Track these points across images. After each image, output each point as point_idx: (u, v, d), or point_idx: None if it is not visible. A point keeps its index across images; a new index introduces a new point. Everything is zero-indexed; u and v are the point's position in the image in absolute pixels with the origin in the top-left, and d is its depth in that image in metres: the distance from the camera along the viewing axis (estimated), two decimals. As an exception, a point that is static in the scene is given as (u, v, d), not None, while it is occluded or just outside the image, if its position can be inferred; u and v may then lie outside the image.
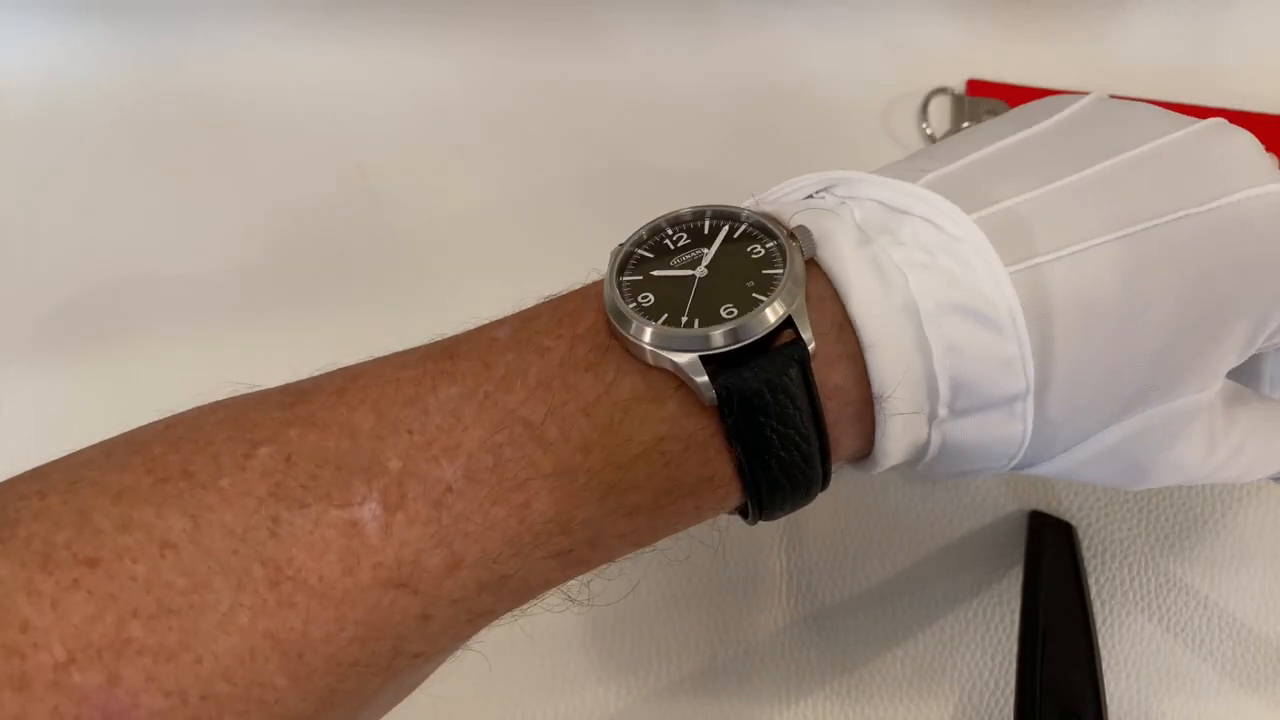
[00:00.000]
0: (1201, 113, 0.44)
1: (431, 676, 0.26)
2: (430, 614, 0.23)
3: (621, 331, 0.24)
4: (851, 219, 0.26)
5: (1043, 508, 0.38)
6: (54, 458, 0.25)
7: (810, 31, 0.48)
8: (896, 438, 0.26)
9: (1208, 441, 0.28)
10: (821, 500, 0.28)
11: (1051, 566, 0.36)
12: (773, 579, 0.38)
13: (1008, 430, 0.26)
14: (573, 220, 0.45)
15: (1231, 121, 0.28)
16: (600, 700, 0.37)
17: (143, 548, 0.22)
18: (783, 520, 0.39)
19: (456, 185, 0.47)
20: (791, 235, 0.25)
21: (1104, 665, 0.36)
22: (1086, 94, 0.30)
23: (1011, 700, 0.35)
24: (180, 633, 0.21)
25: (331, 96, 0.49)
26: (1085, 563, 0.37)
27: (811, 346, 0.24)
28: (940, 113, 0.46)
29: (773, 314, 0.24)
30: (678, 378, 0.24)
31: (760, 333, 0.24)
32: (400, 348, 0.27)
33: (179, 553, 0.22)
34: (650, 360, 0.24)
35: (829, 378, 0.25)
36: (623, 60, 0.48)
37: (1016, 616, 0.37)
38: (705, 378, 0.23)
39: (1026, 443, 0.26)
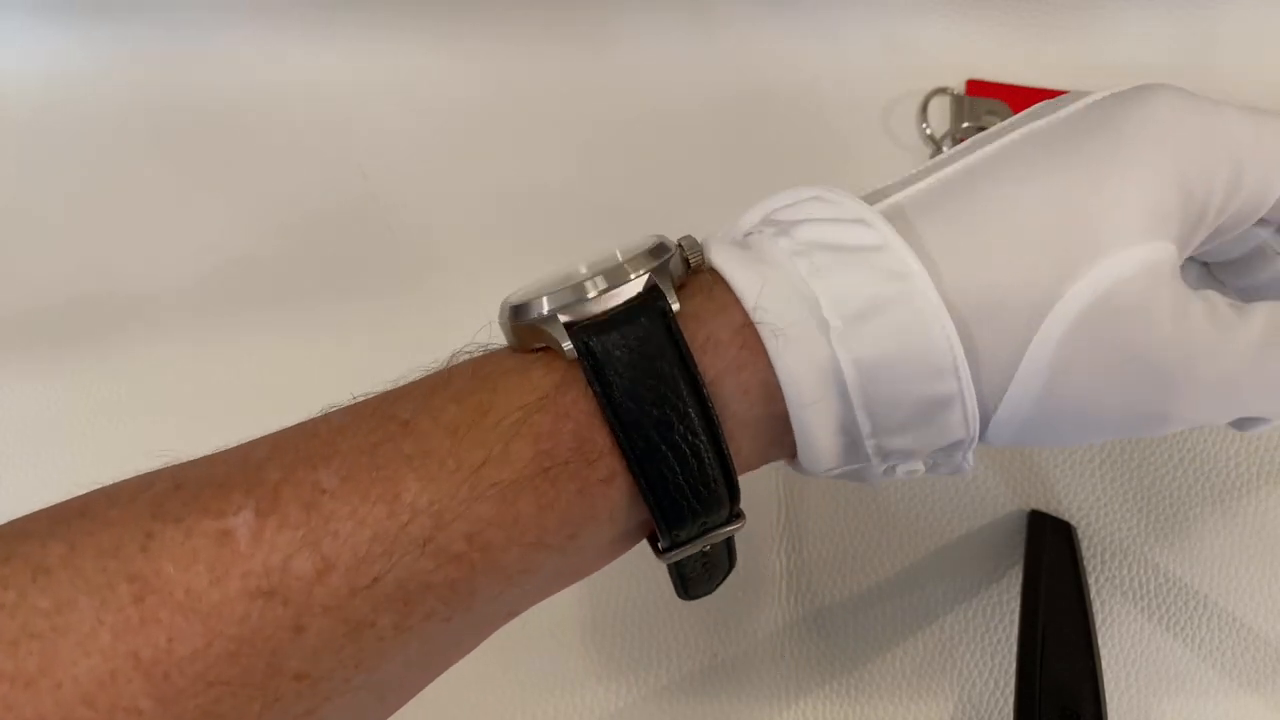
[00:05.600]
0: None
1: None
2: (303, 624, 0.22)
3: (504, 324, 0.25)
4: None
5: (1043, 508, 0.38)
6: (50, 458, 0.25)
7: (810, 32, 0.48)
8: (793, 358, 0.24)
9: (1206, 314, 0.25)
10: (821, 500, 0.28)
11: (1051, 566, 0.36)
12: (773, 579, 0.38)
13: (920, 324, 0.24)
14: (573, 221, 0.45)
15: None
16: (600, 700, 0.37)
17: (17, 575, 0.21)
18: (783, 520, 0.39)
19: (457, 186, 0.47)
20: (679, 245, 0.26)
21: (1104, 665, 0.36)
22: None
23: (1011, 700, 0.35)
24: (40, 657, 0.21)
25: (332, 97, 0.49)
26: (1085, 562, 0.37)
27: (675, 304, 0.24)
28: (940, 113, 0.46)
29: (631, 270, 0.24)
30: (549, 353, 0.24)
31: (615, 285, 0.24)
32: (400, 348, 0.27)
33: (50, 576, 0.21)
34: (524, 340, 0.25)
35: (699, 330, 0.24)
36: (623, 60, 0.48)
37: (1016, 616, 0.37)
38: (562, 328, 0.23)
39: (954, 341, 0.24)
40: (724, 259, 0.25)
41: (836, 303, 0.24)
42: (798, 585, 0.38)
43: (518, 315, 0.25)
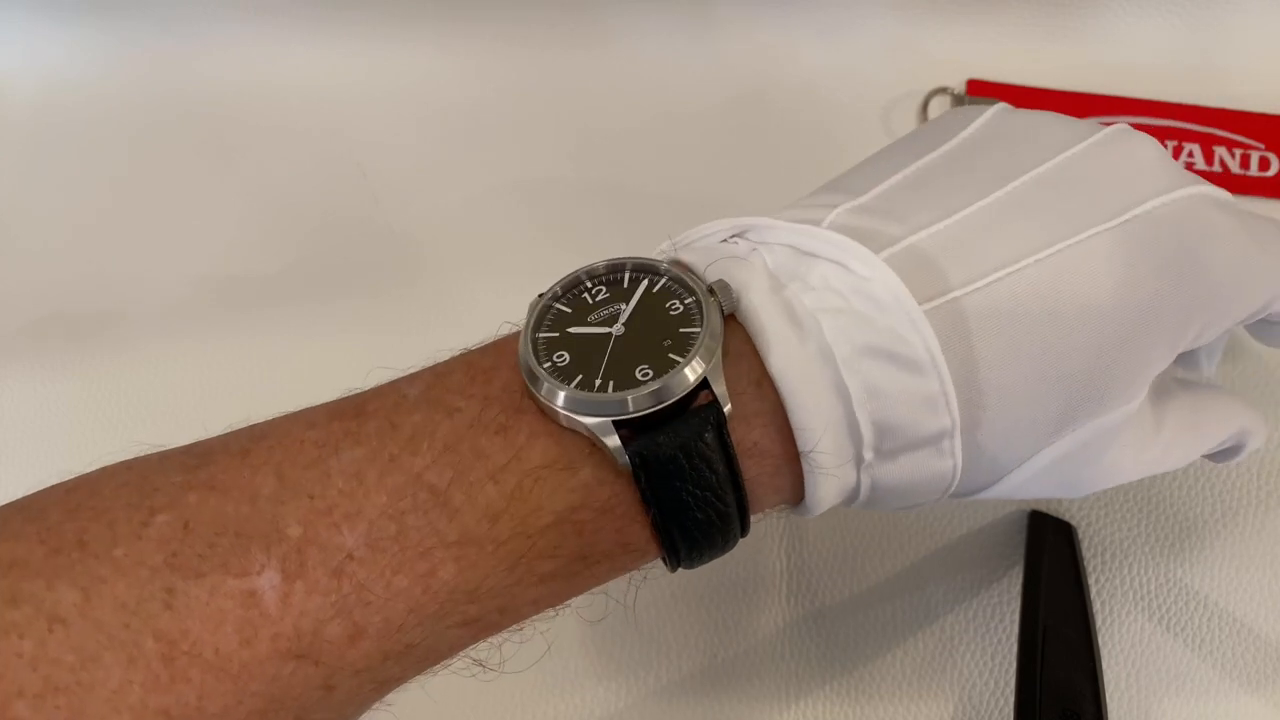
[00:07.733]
0: (1201, 113, 0.44)
1: (431, 676, 0.26)
2: (333, 684, 0.22)
3: (535, 392, 0.24)
4: (764, 266, 0.26)
5: (1043, 508, 0.38)
6: (50, 460, 0.25)
7: (810, 31, 0.48)
8: (825, 488, 0.25)
9: (1138, 445, 0.29)
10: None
11: (1051, 566, 0.36)
12: (773, 579, 0.38)
13: (938, 467, 0.26)
14: (572, 220, 0.45)
15: (1230, 121, 0.29)
16: (600, 700, 0.37)
17: (31, 623, 0.21)
18: (783, 520, 0.39)
19: (456, 185, 0.47)
20: (711, 290, 0.25)
21: (1104, 665, 0.36)
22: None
23: (1011, 700, 0.35)
24: (69, 712, 0.20)
25: (332, 97, 0.49)
26: (1085, 563, 0.37)
27: (728, 408, 0.24)
28: (940, 113, 0.46)
29: (691, 374, 0.24)
30: (592, 441, 0.24)
31: (676, 395, 0.23)
32: (399, 349, 0.27)
33: (68, 627, 0.21)
34: (564, 423, 0.24)
35: (747, 435, 0.24)
36: (623, 61, 0.48)
37: (1016, 616, 0.37)
38: (619, 443, 0.23)
39: (958, 477, 0.26)
40: (783, 365, 0.24)
41: (878, 439, 0.25)
42: (798, 585, 0.38)
43: (537, 385, 0.24)
